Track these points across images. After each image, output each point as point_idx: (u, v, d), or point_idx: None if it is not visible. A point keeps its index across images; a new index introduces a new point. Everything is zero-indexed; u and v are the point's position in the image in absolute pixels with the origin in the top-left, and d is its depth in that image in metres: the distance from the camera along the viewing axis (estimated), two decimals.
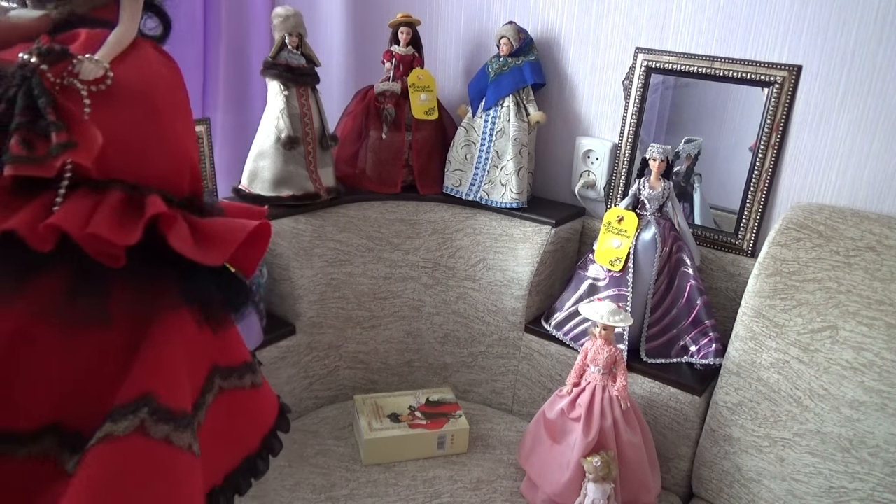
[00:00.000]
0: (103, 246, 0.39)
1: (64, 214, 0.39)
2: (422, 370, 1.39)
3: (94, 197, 0.40)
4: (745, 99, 1.15)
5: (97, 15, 0.45)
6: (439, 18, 1.45)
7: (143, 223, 0.41)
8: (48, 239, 0.38)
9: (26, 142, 0.38)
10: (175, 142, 0.45)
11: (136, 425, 0.41)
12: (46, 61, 0.39)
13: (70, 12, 0.44)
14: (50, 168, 0.38)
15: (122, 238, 0.40)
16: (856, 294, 0.95)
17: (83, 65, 0.41)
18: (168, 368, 0.44)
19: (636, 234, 1.12)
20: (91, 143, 0.40)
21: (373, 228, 1.32)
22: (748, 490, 1.03)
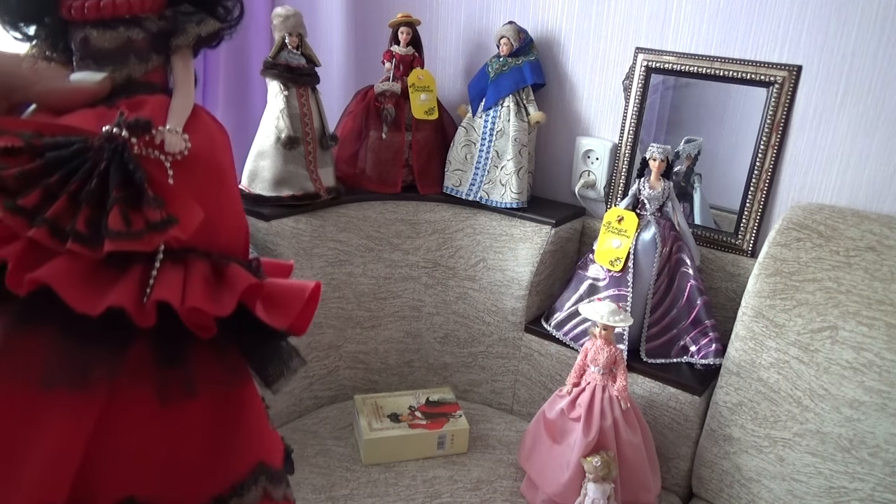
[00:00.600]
0: (199, 318, 0.40)
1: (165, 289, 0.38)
2: (422, 370, 1.39)
3: (180, 268, 0.40)
4: (745, 99, 1.15)
5: (149, 79, 0.44)
6: (439, 18, 1.45)
7: (237, 296, 0.41)
8: (152, 314, 0.38)
9: (125, 217, 0.38)
10: (237, 206, 0.46)
11: (261, 494, 0.44)
12: (134, 134, 0.39)
13: (127, 77, 0.43)
14: (150, 243, 0.38)
15: (217, 309, 0.40)
16: (856, 294, 0.95)
17: (167, 137, 0.40)
18: (266, 433, 0.47)
19: (636, 234, 1.12)
20: (191, 218, 0.40)
21: (373, 228, 1.32)
22: (748, 490, 1.03)
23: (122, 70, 0.43)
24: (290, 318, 0.43)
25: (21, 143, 0.38)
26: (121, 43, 0.42)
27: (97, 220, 0.37)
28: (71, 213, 0.37)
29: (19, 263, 0.36)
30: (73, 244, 0.37)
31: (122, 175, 0.38)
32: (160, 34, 0.43)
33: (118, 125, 0.39)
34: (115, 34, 0.42)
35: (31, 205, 0.37)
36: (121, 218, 0.38)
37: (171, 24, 0.43)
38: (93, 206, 0.38)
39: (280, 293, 0.44)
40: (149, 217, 0.38)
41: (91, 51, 0.42)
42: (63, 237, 0.37)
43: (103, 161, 0.38)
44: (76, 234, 0.37)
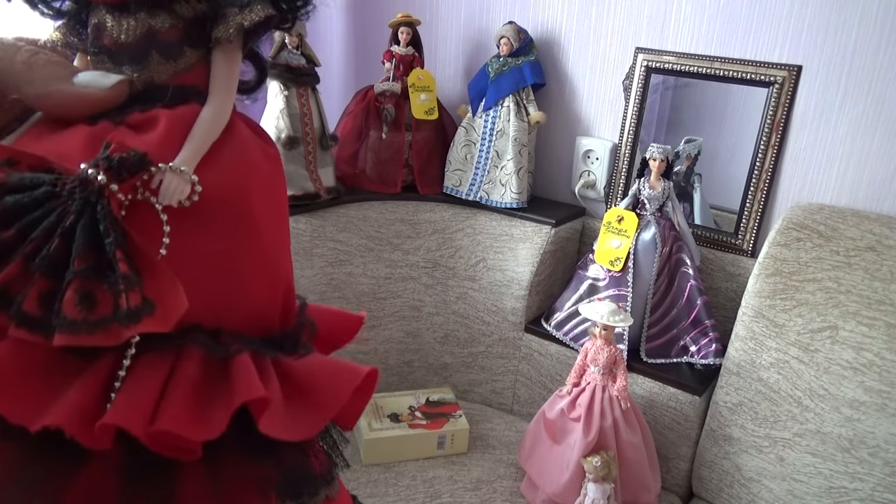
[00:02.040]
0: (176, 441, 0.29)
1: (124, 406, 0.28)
2: (422, 370, 1.39)
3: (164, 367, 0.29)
4: (745, 99, 1.15)
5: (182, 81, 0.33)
6: (439, 18, 1.45)
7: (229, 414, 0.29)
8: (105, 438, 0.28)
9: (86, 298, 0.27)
10: (271, 264, 0.34)
11: None
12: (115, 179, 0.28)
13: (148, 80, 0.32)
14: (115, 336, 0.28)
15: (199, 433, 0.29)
16: (856, 294, 0.95)
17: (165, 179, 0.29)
18: None
19: (636, 234, 1.12)
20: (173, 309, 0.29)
21: (373, 228, 1.32)
22: (748, 490, 1.03)
23: (142, 71, 0.32)
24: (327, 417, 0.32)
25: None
26: (141, 34, 0.32)
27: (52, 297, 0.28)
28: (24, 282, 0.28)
29: None
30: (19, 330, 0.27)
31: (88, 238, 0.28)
32: (196, 22, 0.32)
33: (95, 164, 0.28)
34: (133, 22, 0.31)
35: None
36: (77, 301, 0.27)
37: (210, 8, 0.32)
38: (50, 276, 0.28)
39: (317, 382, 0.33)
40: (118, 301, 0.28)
41: (104, 44, 0.32)
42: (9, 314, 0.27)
43: (70, 215, 0.28)
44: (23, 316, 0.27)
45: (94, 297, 0.27)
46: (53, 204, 0.28)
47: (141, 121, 0.31)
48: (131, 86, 0.32)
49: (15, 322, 0.27)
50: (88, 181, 0.28)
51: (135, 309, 0.28)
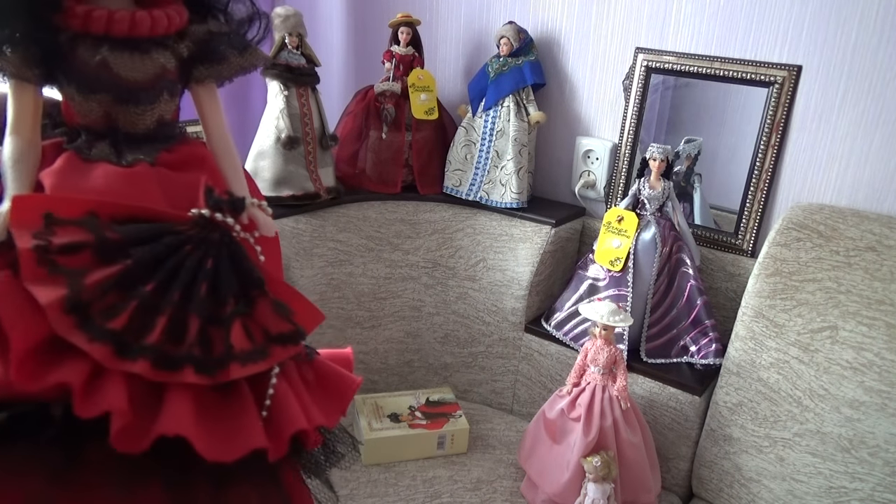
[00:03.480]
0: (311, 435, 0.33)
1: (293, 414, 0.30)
2: (422, 370, 1.39)
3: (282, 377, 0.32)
4: (745, 99, 1.15)
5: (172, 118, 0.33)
6: (439, 18, 1.45)
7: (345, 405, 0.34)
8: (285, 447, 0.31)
9: (248, 332, 0.29)
10: None
11: None
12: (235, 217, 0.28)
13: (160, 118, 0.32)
14: (276, 359, 0.30)
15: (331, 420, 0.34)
16: (856, 294, 0.95)
17: (258, 215, 0.30)
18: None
19: (636, 234, 1.12)
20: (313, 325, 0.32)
21: (373, 228, 1.32)
22: (748, 490, 1.03)
23: (153, 110, 0.31)
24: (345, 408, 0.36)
25: (88, 237, 0.27)
26: (154, 73, 0.30)
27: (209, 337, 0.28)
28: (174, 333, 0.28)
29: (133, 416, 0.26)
30: (195, 375, 0.28)
31: (235, 276, 0.29)
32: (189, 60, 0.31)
33: (216, 206, 0.28)
34: (147, 61, 0.29)
35: (122, 327, 0.27)
36: (245, 334, 0.29)
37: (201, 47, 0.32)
38: (204, 319, 0.28)
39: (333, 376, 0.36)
40: (269, 328, 0.30)
41: (114, 82, 0.29)
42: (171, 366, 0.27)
43: (209, 259, 0.28)
44: (195, 361, 0.28)
45: (252, 330, 0.28)
46: (185, 250, 0.27)
47: (175, 161, 0.30)
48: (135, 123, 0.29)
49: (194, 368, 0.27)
50: (216, 223, 0.28)
51: (290, 333, 0.30)
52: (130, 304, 0.27)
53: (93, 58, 0.29)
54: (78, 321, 0.26)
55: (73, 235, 0.27)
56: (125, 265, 0.27)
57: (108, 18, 0.28)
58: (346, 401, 0.36)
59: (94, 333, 0.26)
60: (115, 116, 0.30)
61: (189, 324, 0.28)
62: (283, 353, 0.30)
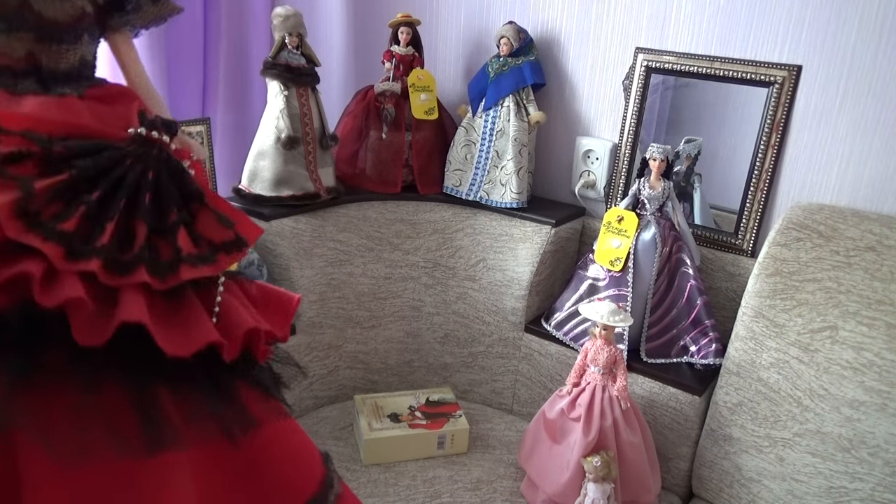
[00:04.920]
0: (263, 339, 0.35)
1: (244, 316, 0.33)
2: (422, 370, 1.39)
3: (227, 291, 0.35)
4: (745, 99, 1.15)
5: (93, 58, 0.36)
6: (439, 18, 1.45)
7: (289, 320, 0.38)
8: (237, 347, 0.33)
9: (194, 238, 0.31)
10: None
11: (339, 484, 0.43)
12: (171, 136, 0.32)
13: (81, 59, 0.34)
14: (222, 265, 0.32)
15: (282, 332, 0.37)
16: (856, 294, 0.95)
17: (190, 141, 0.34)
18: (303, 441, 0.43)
19: (636, 234, 1.12)
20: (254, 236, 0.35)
21: (373, 228, 1.32)
22: (748, 490, 1.03)
23: (75, 50, 0.33)
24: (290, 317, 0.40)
25: (36, 147, 0.30)
26: (75, 15, 0.32)
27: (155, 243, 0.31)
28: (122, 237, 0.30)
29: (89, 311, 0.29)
30: (147, 275, 0.30)
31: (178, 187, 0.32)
32: (105, 7, 0.34)
33: (151, 126, 0.31)
34: (68, 3, 0.32)
35: (72, 229, 0.29)
36: (191, 240, 0.32)
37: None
38: (150, 226, 0.31)
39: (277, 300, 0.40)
40: (213, 237, 0.32)
41: (34, 21, 0.31)
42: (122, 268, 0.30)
43: (150, 170, 0.31)
44: (148, 262, 0.30)
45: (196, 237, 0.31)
46: (126, 164, 0.30)
47: (102, 95, 0.33)
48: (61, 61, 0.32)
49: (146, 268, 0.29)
50: (151, 140, 0.30)
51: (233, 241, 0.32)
52: (78, 210, 0.29)
53: None
54: (29, 223, 0.28)
55: (19, 145, 0.28)
56: (70, 174, 0.29)
57: None
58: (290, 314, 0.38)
59: (46, 234, 0.28)
60: (38, 55, 0.32)
61: (137, 230, 0.30)
62: (228, 260, 0.32)
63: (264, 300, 0.37)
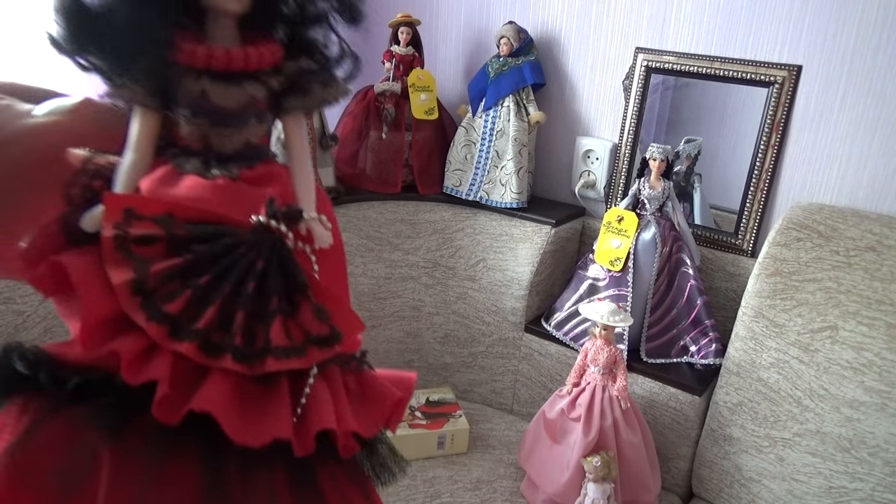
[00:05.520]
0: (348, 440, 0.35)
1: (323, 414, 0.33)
2: (422, 370, 1.39)
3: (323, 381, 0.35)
4: (745, 99, 1.15)
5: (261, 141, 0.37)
6: (439, 18, 1.45)
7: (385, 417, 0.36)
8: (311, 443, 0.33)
9: (287, 330, 0.32)
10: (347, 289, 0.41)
11: None
12: (290, 226, 0.33)
13: (245, 141, 0.36)
14: (312, 359, 0.33)
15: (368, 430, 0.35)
16: (856, 294, 0.95)
17: (313, 227, 0.34)
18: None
19: (636, 234, 1.12)
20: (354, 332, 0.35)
21: (373, 228, 1.32)
22: (748, 490, 1.03)
23: (240, 134, 0.36)
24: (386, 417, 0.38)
25: (160, 231, 0.32)
26: (244, 102, 0.35)
27: (253, 331, 0.32)
28: (222, 323, 0.32)
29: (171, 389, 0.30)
30: (234, 363, 0.31)
31: (282, 279, 0.33)
32: (280, 92, 0.36)
33: (273, 215, 0.33)
34: (239, 92, 0.35)
35: (177, 311, 0.31)
36: (284, 331, 0.32)
37: (292, 81, 0.37)
38: (249, 314, 0.32)
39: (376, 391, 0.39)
40: (310, 329, 0.33)
41: (208, 108, 0.34)
42: (215, 351, 0.31)
43: (260, 260, 0.32)
44: (236, 350, 0.31)
45: (291, 328, 0.32)
46: (239, 251, 0.32)
47: (254, 177, 0.35)
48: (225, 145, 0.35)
49: (231, 356, 0.31)
50: (269, 228, 0.32)
51: (328, 336, 0.33)
52: (186, 293, 0.31)
53: (195, 88, 0.34)
54: (142, 302, 0.31)
55: (148, 229, 0.31)
56: (186, 259, 0.32)
57: (209, 55, 0.33)
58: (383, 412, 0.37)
59: (153, 314, 0.31)
60: (209, 137, 0.35)
61: (235, 316, 0.32)
62: (320, 355, 0.33)
63: (364, 393, 0.37)
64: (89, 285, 0.31)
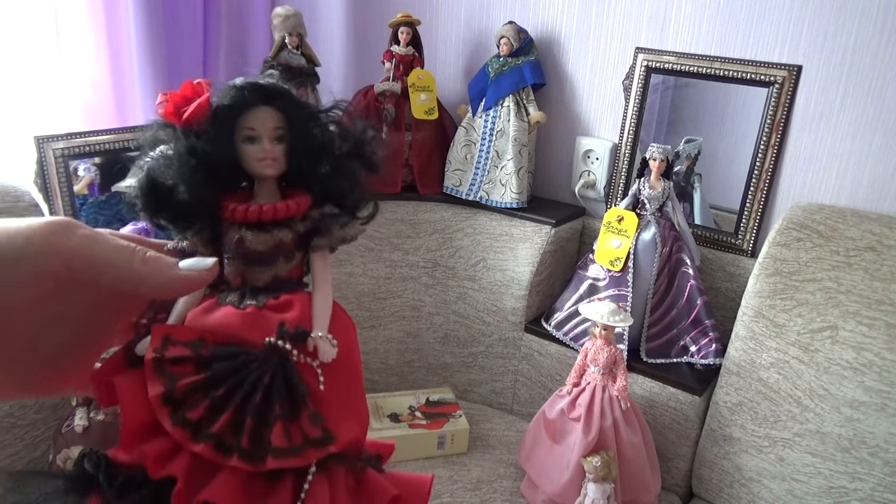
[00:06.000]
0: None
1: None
2: (422, 370, 1.39)
3: (324, 479, 0.41)
4: (745, 99, 1.15)
5: (290, 275, 0.45)
6: (439, 18, 1.45)
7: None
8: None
9: (287, 433, 0.39)
10: (364, 401, 0.46)
11: None
12: (295, 346, 0.40)
13: (273, 276, 0.43)
14: (308, 459, 0.39)
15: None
16: (856, 294, 0.95)
17: (319, 344, 0.41)
18: None
19: (636, 234, 1.12)
20: (346, 435, 0.41)
21: (373, 228, 1.32)
22: (748, 490, 1.03)
23: (270, 270, 0.43)
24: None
25: (189, 352, 0.39)
26: (273, 245, 0.43)
27: (259, 434, 0.38)
28: (234, 427, 0.38)
29: (187, 481, 0.37)
30: (238, 461, 0.37)
31: (285, 389, 0.39)
32: (306, 234, 0.44)
33: (281, 336, 0.40)
34: (268, 237, 0.43)
35: (197, 418, 0.38)
36: (284, 434, 0.38)
37: (316, 224, 0.44)
38: (255, 419, 0.38)
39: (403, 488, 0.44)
40: (307, 432, 0.39)
41: (244, 251, 0.43)
42: (226, 451, 0.37)
43: (268, 374, 0.39)
44: (241, 450, 0.37)
45: (292, 432, 0.38)
46: (252, 367, 0.39)
47: (277, 305, 0.42)
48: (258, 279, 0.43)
49: (237, 455, 0.37)
50: (277, 348, 0.39)
51: (322, 438, 0.39)
52: (205, 402, 0.38)
53: (235, 236, 0.42)
54: (170, 411, 0.37)
55: (180, 351, 0.39)
56: (207, 375, 0.38)
57: (245, 211, 0.41)
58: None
59: (177, 420, 0.37)
60: (245, 274, 0.43)
61: (245, 421, 0.38)
62: (316, 454, 0.39)
63: (361, 491, 0.43)
64: (130, 399, 0.38)
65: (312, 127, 0.44)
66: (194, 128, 0.41)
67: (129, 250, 0.38)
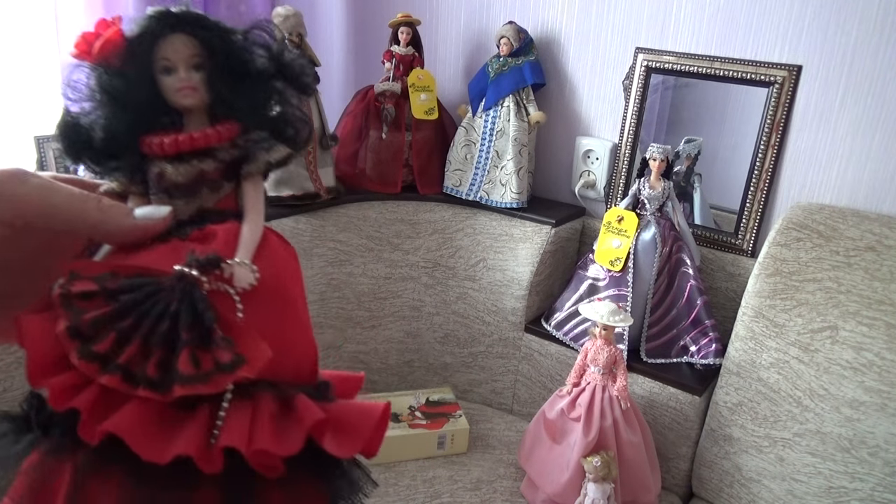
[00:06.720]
0: (266, 459, 0.39)
1: (232, 433, 0.38)
2: (422, 370, 1.39)
3: (248, 406, 0.40)
4: (745, 99, 1.15)
5: (220, 206, 0.44)
6: (439, 18, 1.45)
7: (304, 433, 0.40)
8: (219, 461, 0.37)
9: (194, 359, 0.38)
10: (307, 332, 0.45)
11: None
12: (204, 272, 0.39)
13: (198, 207, 0.43)
14: (218, 384, 0.38)
15: (284, 449, 0.39)
16: (856, 294, 0.95)
17: (236, 271, 0.40)
18: None
19: (636, 234, 1.12)
20: (259, 357, 0.40)
21: (373, 228, 1.32)
22: (748, 490, 1.03)
23: (193, 201, 0.43)
24: (362, 443, 0.42)
25: (95, 287, 0.38)
26: (194, 176, 0.42)
27: (167, 364, 0.37)
28: (143, 357, 0.37)
29: (91, 413, 0.36)
30: (144, 390, 0.37)
31: (191, 316, 0.38)
32: (232, 163, 0.43)
33: (189, 264, 0.39)
34: (188, 167, 0.42)
35: (104, 350, 0.37)
36: (190, 361, 0.37)
37: (242, 151, 0.43)
38: (163, 349, 0.38)
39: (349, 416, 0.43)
40: (218, 358, 0.38)
41: (165, 184, 0.42)
42: (135, 382, 0.37)
43: (174, 302, 0.38)
44: (147, 379, 0.37)
45: (199, 359, 0.37)
46: (159, 296, 0.38)
47: (201, 236, 0.42)
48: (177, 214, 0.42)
49: (142, 385, 0.36)
50: (185, 276, 0.38)
51: (231, 362, 0.38)
52: (111, 334, 0.37)
53: (156, 171, 0.42)
54: (78, 345, 0.37)
55: (86, 286, 0.38)
56: (112, 307, 0.38)
57: (160, 144, 0.41)
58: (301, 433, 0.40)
59: (84, 353, 0.36)
60: (176, 210, 0.42)
61: (153, 351, 0.37)
62: (225, 380, 0.38)
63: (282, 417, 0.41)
64: (38, 335, 0.37)
65: (231, 51, 0.43)
66: (109, 64, 0.40)
67: (84, 198, 0.38)
